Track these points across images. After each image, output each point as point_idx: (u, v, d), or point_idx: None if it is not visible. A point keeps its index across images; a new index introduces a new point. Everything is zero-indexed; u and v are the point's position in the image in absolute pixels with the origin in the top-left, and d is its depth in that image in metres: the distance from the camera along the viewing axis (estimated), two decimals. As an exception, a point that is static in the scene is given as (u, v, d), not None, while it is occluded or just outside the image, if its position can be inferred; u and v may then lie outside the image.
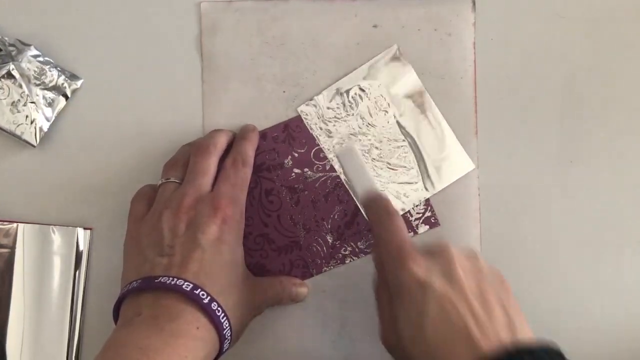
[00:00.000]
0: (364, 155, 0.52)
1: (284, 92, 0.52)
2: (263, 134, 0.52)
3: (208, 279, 0.42)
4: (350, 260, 0.52)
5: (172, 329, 0.40)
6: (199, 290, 0.41)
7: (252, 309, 0.47)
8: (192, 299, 0.41)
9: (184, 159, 0.49)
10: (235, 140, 0.51)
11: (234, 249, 0.45)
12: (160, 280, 0.41)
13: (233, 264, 0.45)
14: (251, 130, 0.51)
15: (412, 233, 0.52)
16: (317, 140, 0.52)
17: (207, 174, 0.47)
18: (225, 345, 0.43)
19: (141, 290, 0.42)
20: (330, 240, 0.52)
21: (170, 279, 0.41)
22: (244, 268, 0.47)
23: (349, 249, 0.52)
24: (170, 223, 0.45)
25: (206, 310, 0.41)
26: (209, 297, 0.41)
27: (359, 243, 0.52)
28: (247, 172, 0.49)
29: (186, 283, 0.41)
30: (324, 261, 0.52)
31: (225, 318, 0.42)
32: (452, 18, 0.53)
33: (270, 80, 0.53)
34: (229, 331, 0.42)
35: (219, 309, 0.41)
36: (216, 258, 0.43)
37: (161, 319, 0.40)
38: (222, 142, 0.49)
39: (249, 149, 0.50)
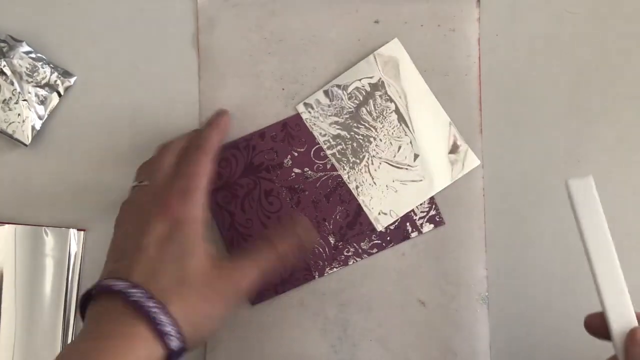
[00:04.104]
0: (364, 154, 0.51)
1: (283, 89, 0.52)
2: (261, 133, 0.52)
3: (149, 278, 0.42)
4: (354, 262, 0.51)
5: (107, 332, 0.40)
6: (135, 289, 0.41)
7: (221, 299, 0.44)
8: (128, 302, 0.41)
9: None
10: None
11: (182, 244, 0.44)
12: (101, 284, 0.42)
13: (179, 260, 0.43)
14: (219, 114, 0.50)
15: (416, 232, 0.51)
16: (317, 139, 0.52)
17: (162, 171, 0.46)
18: (170, 342, 0.41)
19: (95, 293, 0.42)
20: (332, 242, 0.51)
21: (112, 280, 0.42)
22: (201, 261, 0.44)
23: (351, 250, 0.51)
24: (124, 226, 0.45)
25: (144, 312, 0.40)
26: (147, 299, 0.41)
27: (362, 244, 0.51)
28: (202, 160, 0.46)
29: (123, 284, 0.41)
30: (326, 263, 0.51)
31: (163, 314, 0.41)
32: (456, 13, 0.52)
33: (269, 77, 0.52)
34: (171, 327, 0.41)
35: (157, 310, 0.41)
36: (159, 257, 0.43)
37: (101, 321, 0.41)
38: (178, 141, 0.48)
39: (210, 134, 0.48)
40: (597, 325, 0.43)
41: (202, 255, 0.44)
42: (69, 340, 0.51)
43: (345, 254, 0.51)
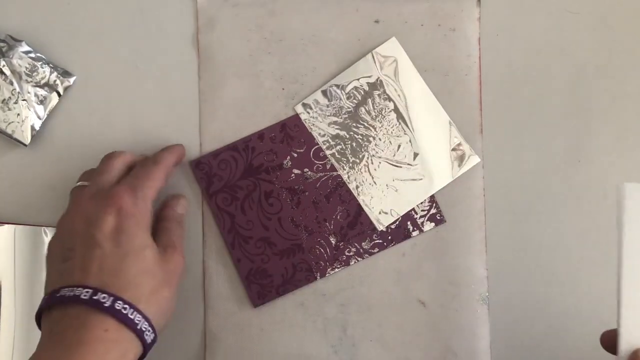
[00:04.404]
0: (363, 154, 0.51)
1: (282, 89, 0.52)
2: (260, 135, 0.51)
3: (111, 276, 0.41)
4: (355, 262, 0.51)
5: (78, 340, 0.39)
6: (99, 294, 0.40)
7: (173, 282, 0.45)
8: (93, 306, 0.40)
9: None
10: None
11: (135, 236, 0.44)
12: (60, 294, 0.41)
13: (137, 251, 0.43)
14: (176, 145, 0.51)
15: (417, 231, 0.51)
16: (316, 139, 0.51)
17: (109, 172, 0.47)
18: (148, 337, 0.42)
19: (50, 307, 0.41)
20: (333, 242, 0.51)
21: (70, 289, 0.41)
22: (153, 250, 0.45)
23: (353, 250, 0.51)
24: (68, 225, 0.44)
25: (111, 313, 0.40)
26: (111, 298, 0.40)
27: (363, 243, 0.51)
28: (156, 170, 0.47)
29: (85, 290, 0.40)
30: (327, 263, 0.51)
31: (135, 312, 0.41)
32: (457, 13, 0.52)
33: (269, 77, 0.52)
34: (144, 323, 0.41)
35: (125, 306, 0.41)
36: (116, 251, 0.43)
37: (67, 333, 0.40)
38: (130, 154, 0.49)
39: (165, 155, 0.49)
40: (613, 342, 0.42)
41: (153, 244, 0.45)
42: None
43: (347, 254, 0.51)
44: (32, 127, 0.51)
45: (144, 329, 0.41)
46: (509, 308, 0.51)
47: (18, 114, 0.50)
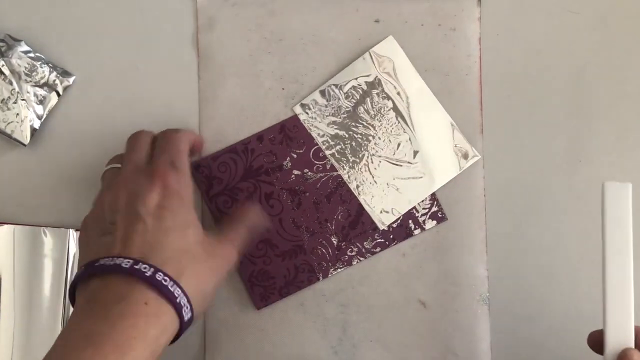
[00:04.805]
0: (363, 153, 0.51)
1: (282, 88, 0.52)
2: (259, 136, 0.51)
3: (152, 250, 0.41)
4: (357, 262, 0.51)
5: (119, 311, 0.39)
6: (140, 264, 0.40)
7: (218, 268, 0.45)
8: (134, 275, 0.40)
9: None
10: None
11: (178, 213, 0.43)
12: (100, 263, 0.40)
13: (179, 229, 0.43)
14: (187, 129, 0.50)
15: (419, 229, 0.51)
16: (316, 140, 0.51)
17: (141, 149, 0.46)
18: (186, 314, 0.41)
19: (87, 276, 0.41)
20: (335, 242, 0.51)
21: (110, 259, 0.40)
22: (199, 231, 0.45)
23: (355, 249, 0.51)
24: (109, 200, 0.44)
25: (151, 283, 0.40)
26: (152, 269, 0.40)
27: (364, 243, 0.51)
28: (180, 138, 0.47)
29: (125, 260, 0.40)
30: (330, 264, 0.51)
31: (175, 286, 0.40)
32: (457, 13, 0.52)
33: (269, 77, 0.52)
34: (183, 299, 0.41)
35: (165, 278, 0.40)
36: (159, 226, 0.42)
37: (108, 301, 0.39)
38: (150, 130, 0.49)
39: (180, 133, 0.48)
40: (599, 342, 0.42)
41: (198, 225, 0.44)
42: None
43: (349, 254, 0.51)
44: (32, 127, 0.51)
45: (182, 304, 0.40)
46: (509, 308, 0.51)
47: (17, 114, 0.50)
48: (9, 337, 0.50)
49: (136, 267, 0.40)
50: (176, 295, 0.40)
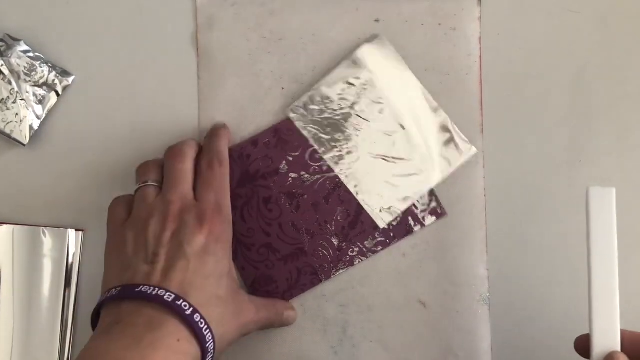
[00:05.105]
0: (359, 153, 0.51)
1: (282, 88, 0.52)
2: (254, 141, 0.51)
3: (192, 289, 0.42)
4: (359, 262, 0.51)
5: (151, 340, 0.39)
6: (182, 301, 0.40)
7: (239, 326, 0.45)
8: (174, 309, 0.40)
9: (157, 162, 0.49)
10: (206, 138, 0.50)
11: (220, 261, 0.44)
12: (141, 290, 0.41)
13: (218, 275, 0.44)
14: (221, 126, 0.50)
15: (419, 226, 0.51)
16: (311, 142, 0.51)
17: (187, 180, 0.47)
18: (208, 359, 0.42)
19: (122, 298, 0.41)
20: (336, 243, 0.51)
21: (152, 288, 0.41)
22: (233, 282, 0.46)
23: (356, 249, 0.51)
24: (155, 230, 0.44)
25: (188, 322, 0.40)
26: (191, 308, 0.40)
27: (365, 242, 0.51)
28: (225, 173, 0.48)
29: (168, 293, 0.40)
30: (332, 265, 0.51)
31: (208, 331, 0.41)
32: (457, 12, 0.52)
33: (269, 77, 0.52)
34: (212, 344, 0.41)
35: (201, 320, 0.41)
36: (201, 269, 0.43)
37: (141, 329, 0.39)
38: (194, 145, 0.49)
39: (222, 146, 0.49)
40: (586, 347, 0.42)
41: (233, 276, 0.46)
42: (67, 341, 0.50)
43: (350, 254, 0.51)
44: (31, 127, 0.51)
45: (209, 350, 0.41)
46: (509, 309, 0.51)
47: (16, 114, 0.50)
48: (9, 337, 0.50)
49: (177, 302, 0.40)
50: (207, 340, 0.41)
